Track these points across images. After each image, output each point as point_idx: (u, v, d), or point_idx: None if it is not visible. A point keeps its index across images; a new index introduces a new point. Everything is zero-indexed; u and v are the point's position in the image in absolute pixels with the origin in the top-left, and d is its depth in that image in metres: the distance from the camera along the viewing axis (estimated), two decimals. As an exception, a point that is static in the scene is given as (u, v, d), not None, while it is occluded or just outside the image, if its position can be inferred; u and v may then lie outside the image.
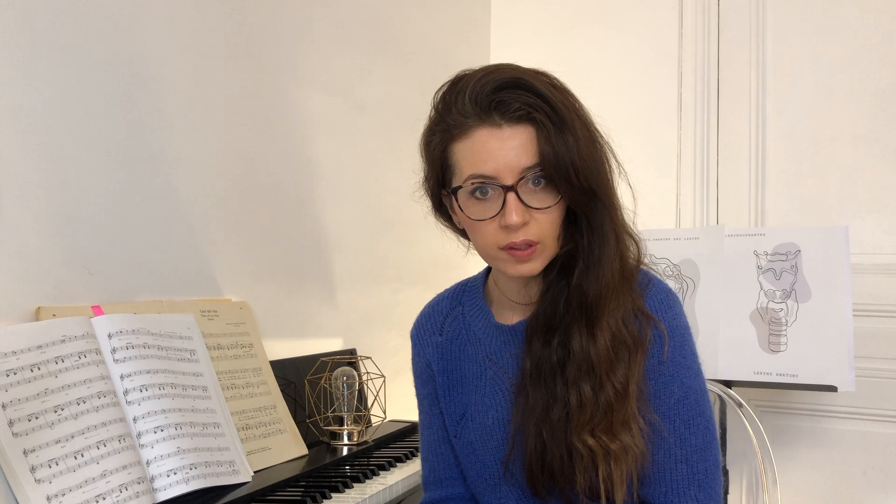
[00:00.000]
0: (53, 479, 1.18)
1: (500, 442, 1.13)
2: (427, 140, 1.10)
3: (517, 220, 1.00)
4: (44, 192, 1.40)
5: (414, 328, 1.29)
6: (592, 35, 2.66)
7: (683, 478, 1.07)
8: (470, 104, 1.02)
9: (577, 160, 1.00)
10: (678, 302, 1.12)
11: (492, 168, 1.01)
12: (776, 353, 1.95)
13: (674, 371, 1.08)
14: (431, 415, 1.24)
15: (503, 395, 1.14)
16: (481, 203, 1.03)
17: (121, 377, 1.35)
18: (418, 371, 1.27)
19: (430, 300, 1.29)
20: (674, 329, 1.08)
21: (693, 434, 1.07)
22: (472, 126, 1.02)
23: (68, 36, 1.44)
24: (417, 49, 2.50)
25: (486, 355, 1.17)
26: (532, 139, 1.01)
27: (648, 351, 1.06)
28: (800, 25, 2.43)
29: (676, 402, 1.07)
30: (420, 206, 1.20)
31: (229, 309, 1.69)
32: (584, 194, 1.03)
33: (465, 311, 1.22)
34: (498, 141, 1.01)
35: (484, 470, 1.16)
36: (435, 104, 1.08)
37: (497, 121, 1.01)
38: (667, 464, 1.07)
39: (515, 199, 1.00)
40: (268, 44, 1.93)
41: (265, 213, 1.91)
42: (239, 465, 1.45)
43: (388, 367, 2.09)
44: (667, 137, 2.58)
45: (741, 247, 2.03)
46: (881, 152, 2.32)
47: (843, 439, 2.33)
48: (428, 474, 1.26)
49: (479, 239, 1.06)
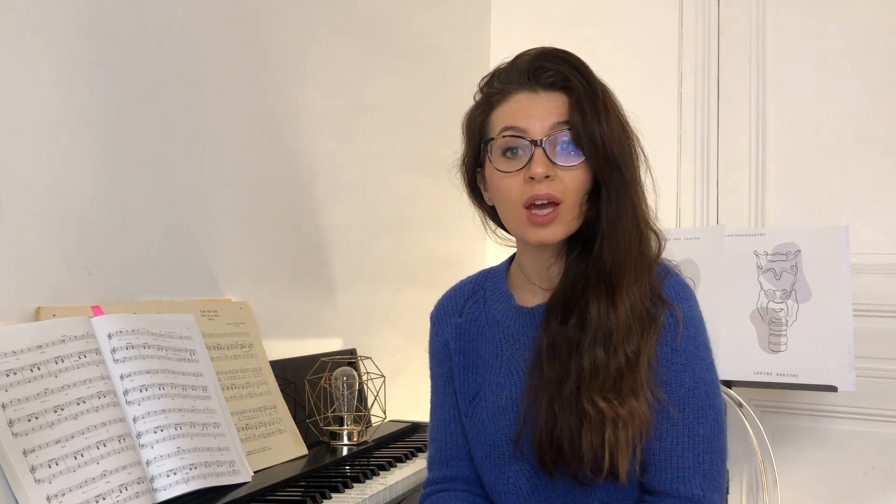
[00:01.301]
0: (53, 479, 1.18)
1: (511, 421, 1.16)
2: (469, 117, 1.18)
3: (541, 170, 1.06)
4: (44, 192, 1.40)
5: (434, 309, 1.31)
6: (592, 35, 2.66)
7: (689, 466, 1.09)
8: (512, 73, 1.12)
9: (604, 130, 1.07)
10: (694, 296, 1.15)
11: (524, 122, 1.09)
12: (776, 353, 1.95)
13: (686, 361, 1.10)
14: (445, 394, 1.26)
15: (517, 377, 1.17)
16: (510, 160, 1.10)
17: (121, 377, 1.35)
18: (435, 350, 1.30)
19: (453, 285, 1.32)
20: (689, 319, 1.11)
21: (701, 424, 1.09)
22: (512, 91, 1.11)
23: (68, 36, 1.44)
24: (417, 49, 2.50)
25: (504, 337, 1.20)
26: (564, 104, 1.09)
27: (662, 336, 1.09)
28: (800, 25, 2.43)
29: (687, 391, 1.09)
30: (420, 206, 1.21)
31: (229, 309, 1.69)
32: (607, 162, 1.08)
33: (486, 295, 1.25)
34: (532, 102, 1.09)
35: (494, 450, 1.18)
36: (480, 87, 1.17)
37: (534, 87, 1.10)
38: (674, 451, 1.09)
39: (542, 153, 1.07)
40: (268, 44, 1.93)
41: (265, 213, 1.91)
42: (239, 465, 1.45)
43: (388, 367, 2.09)
44: (667, 138, 2.58)
45: (741, 247, 2.03)
46: (881, 152, 2.32)
47: (843, 439, 2.33)
48: (434, 454, 1.27)
49: (504, 195, 1.11)
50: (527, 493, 1.16)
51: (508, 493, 1.18)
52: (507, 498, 1.18)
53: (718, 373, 1.16)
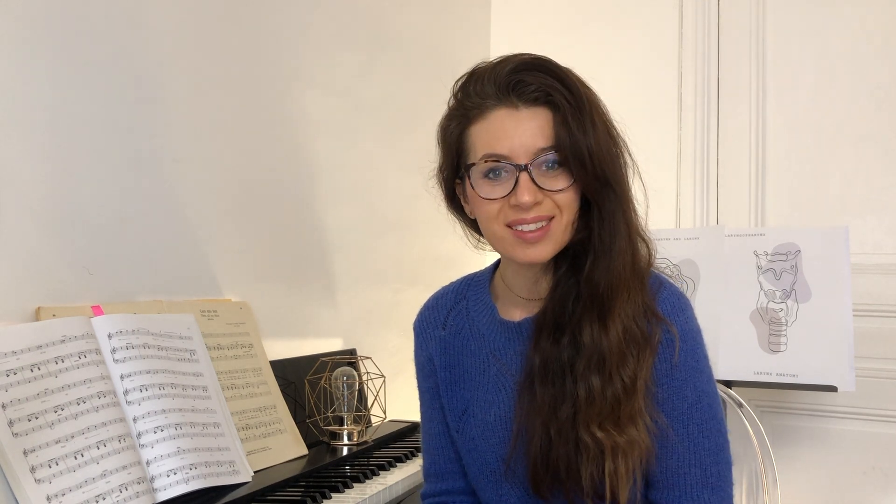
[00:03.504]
0: (53, 479, 1.18)
1: (501, 439, 1.13)
2: (444, 126, 1.10)
3: (529, 199, 1.00)
4: (44, 192, 1.40)
5: (417, 320, 1.28)
6: (592, 35, 2.66)
7: (696, 482, 1.07)
8: (489, 85, 1.03)
9: (592, 146, 1.00)
10: (690, 306, 1.11)
11: (507, 147, 1.01)
12: (776, 353, 1.95)
13: (687, 375, 1.07)
14: (432, 409, 1.24)
15: (505, 393, 1.14)
16: (493, 184, 1.03)
17: (121, 377, 1.35)
18: (420, 364, 1.27)
19: (435, 292, 1.28)
20: (686, 333, 1.08)
21: (706, 438, 1.07)
22: (490, 107, 1.03)
23: (68, 36, 1.44)
24: (417, 49, 2.50)
25: (490, 352, 1.16)
26: (548, 122, 1.01)
27: (659, 354, 1.06)
28: (800, 25, 2.43)
29: (690, 406, 1.07)
30: (420, 206, 1.20)
31: (229, 309, 1.69)
32: (598, 181, 1.02)
33: (469, 306, 1.21)
34: (514, 121, 1.01)
35: (485, 467, 1.15)
36: (454, 92, 1.09)
37: (514, 102, 1.02)
38: (680, 468, 1.07)
39: (528, 179, 1.00)
40: (268, 44, 1.93)
41: (265, 213, 1.91)
42: (239, 465, 1.45)
43: (388, 367, 2.09)
44: (667, 137, 2.58)
45: (741, 247, 2.03)
46: (881, 152, 2.32)
47: (843, 439, 2.33)
48: (429, 467, 1.26)
49: (488, 219, 1.05)
50: None
51: None
52: None
53: (719, 373, 1.15)
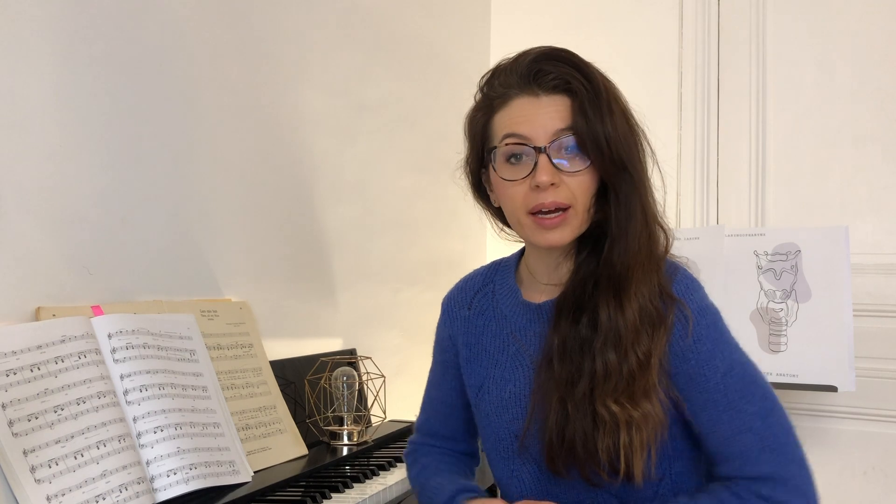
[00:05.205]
0: (53, 479, 1.18)
1: (515, 415, 1.17)
2: (471, 118, 1.17)
3: (546, 178, 1.05)
4: (44, 192, 1.39)
5: (446, 298, 1.33)
6: (592, 35, 2.65)
7: (753, 446, 1.07)
8: (511, 76, 1.10)
9: (609, 131, 1.05)
10: (703, 288, 1.14)
11: (526, 129, 1.07)
12: (776, 353, 1.95)
13: (712, 346, 1.08)
14: (440, 378, 1.33)
15: (522, 371, 1.17)
16: (514, 167, 1.09)
17: (121, 377, 1.35)
18: (440, 338, 1.33)
19: (466, 274, 1.34)
20: (704, 308, 1.10)
21: (749, 402, 1.08)
22: (512, 95, 1.09)
23: (68, 36, 1.44)
24: (417, 49, 2.50)
25: (510, 332, 1.21)
26: (567, 108, 1.07)
27: (676, 333, 1.08)
28: (800, 25, 2.43)
29: (723, 375, 1.08)
30: (420, 205, 1.21)
31: (229, 309, 1.69)
32: (614, 164, 1.06)
33: (495, 289, 1.26)
34: (534, 107, 1.08)
35: (499, 442, 1.19)
36: (480, 86, 1.15)
37: (535, 90, 1.08)
38: (732, 436, 1.07)
39: (546, 160, 1.06)
40: (268, 44, 1.93)
41: (265, 213, 1.91)
42: (239, 465, 1.45)
43: (388, 367, 2.09)
44: (667, 137, 2.58)
45: (741, 247, 2.03)
46: (881, 152, 2.32)
47: (843, 439, 2.33)
48: (422, 423, 1.39)
49: (510, 203, 1.10)
50: (529, 486, 1.17)
51: (511, 486, 1.19)
52: (510, 489, 1.20)
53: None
